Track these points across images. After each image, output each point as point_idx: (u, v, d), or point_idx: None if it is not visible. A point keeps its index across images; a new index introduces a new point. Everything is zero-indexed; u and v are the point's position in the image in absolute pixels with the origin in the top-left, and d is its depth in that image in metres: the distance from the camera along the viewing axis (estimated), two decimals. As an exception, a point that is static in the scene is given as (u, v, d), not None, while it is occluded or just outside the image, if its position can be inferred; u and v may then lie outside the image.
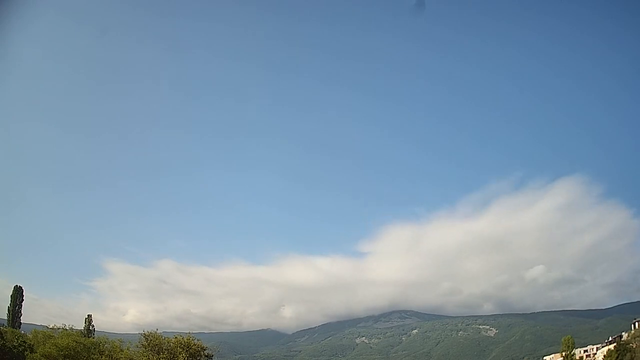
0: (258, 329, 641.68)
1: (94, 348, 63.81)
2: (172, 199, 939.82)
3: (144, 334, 59.80)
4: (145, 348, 58.15)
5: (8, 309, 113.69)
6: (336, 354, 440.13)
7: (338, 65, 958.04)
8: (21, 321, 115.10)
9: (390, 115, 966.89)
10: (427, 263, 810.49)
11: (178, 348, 57.44)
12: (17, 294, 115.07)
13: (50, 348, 59.84)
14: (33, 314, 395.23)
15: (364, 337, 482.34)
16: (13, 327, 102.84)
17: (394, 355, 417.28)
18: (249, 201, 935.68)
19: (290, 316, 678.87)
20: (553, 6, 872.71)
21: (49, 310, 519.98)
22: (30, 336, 77.20)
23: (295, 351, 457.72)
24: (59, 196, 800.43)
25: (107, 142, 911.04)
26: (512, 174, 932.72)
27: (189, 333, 60.69)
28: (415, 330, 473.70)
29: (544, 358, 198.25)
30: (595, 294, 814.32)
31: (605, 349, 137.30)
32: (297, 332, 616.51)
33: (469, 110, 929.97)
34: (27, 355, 62.87)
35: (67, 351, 59.35)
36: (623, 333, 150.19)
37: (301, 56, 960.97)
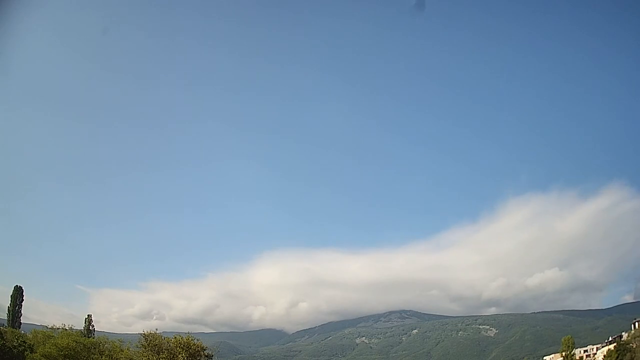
0: (258, 329, 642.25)
1: (94, 348, 63.89)
2: (172, 197, 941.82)
3: (144, 334, 59.77)
4: (145, 348, 58.07)
5: (8, 309, 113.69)
6: (336, 354, 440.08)
7: (339, 62, 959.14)
8: (21, 321, 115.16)
9: (398, 115, 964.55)
10: (430, 266, 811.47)
11: (178, 348, 57.34)
12: (17, 294, 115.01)
13: (50, 348, 59.80)
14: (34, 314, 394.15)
15: (364, 337, 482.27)
16: (13, 327, 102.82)
17: (394, 355, 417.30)
18: (241, 200, 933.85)
19: (289, 315, 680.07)
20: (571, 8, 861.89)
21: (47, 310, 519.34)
22: (30, 336, 77.19)
23: (295, 351, 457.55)
24: (64, 192, 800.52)
25: (97, 139, 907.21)
26: (521, 178, 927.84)
27: (189, 333, 60.63)
28: (415, 330, 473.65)
29: (544, 358, 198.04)
30: (597, 294, 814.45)
31: (605, 349, 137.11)
32: (297, 332, 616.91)
33: (482, 114, 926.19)
34: (27, 355, 62.91)
35: (67, 351, 59.32)
36: (623, 333, 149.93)
37: (303, 53, 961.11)
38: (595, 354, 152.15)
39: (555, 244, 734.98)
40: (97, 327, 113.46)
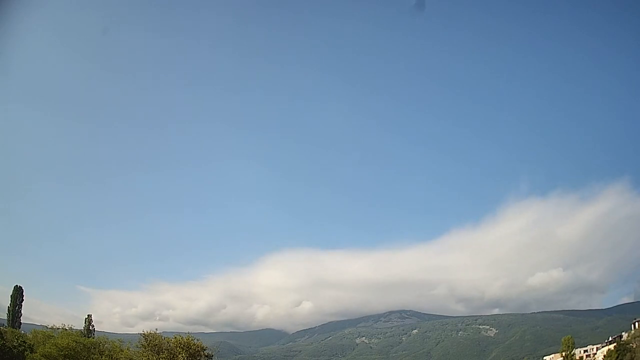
0: (258, 329, 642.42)
1: (94, 348, 63.82)
2: (173, 197, 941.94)
3: (144, 334, 59.73)
4: (145, 348, 57.99)
5: (8, 309, 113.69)
6: (336, 354, 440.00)
7: (339, 62, 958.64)
8: (21, 321, 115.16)
9: (398, 115, 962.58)
10: (432, 267, 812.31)
11: (178, 348, 57.26)
12: (17, 294, 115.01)
13: (50, 348, 59.73)
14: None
15: (364, 337, 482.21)
16: (13, 327, 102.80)
17: (394, 355, 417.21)
18: (241, 201, 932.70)
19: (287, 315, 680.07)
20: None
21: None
22: (30, 336, 77.16)
23: (295, 351, 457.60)
24: (65, 192, 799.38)
25: (97, 139, 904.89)
26: (522, 182, 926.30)
27: (189, 333, 60.62)
28: (415, 330, 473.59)
29: (544, 358, 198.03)
30: (597, 295, 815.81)
31: (605, 349, 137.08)
32: (297, 332, 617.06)
33: (482, 114, 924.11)
34: (27, 355, 62.83)
35: (67, 351, 59.24)
36: (623, 333, 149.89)
37: (303, 53, 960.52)
38: (595, 354, 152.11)
39: (557, 247, 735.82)
40: (100, 327, 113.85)
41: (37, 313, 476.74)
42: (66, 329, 73.19)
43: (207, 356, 60.86)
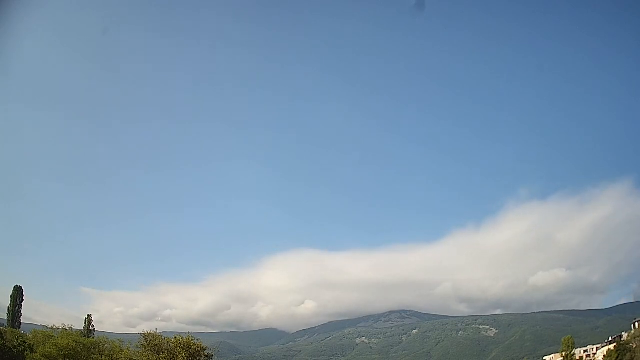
0: (258, 329, 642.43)
1: (94, 348, 63.85)
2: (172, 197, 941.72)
3: (144, 334, 59.74)
4: (145, 348, 58.02)
5: (8, 309, 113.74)
6: (336, 354, 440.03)
7: (339, 62, 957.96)
8: (21, 321, 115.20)
9: (398, 115, 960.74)
10: (431, 267, 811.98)
11: (178, 348, 57.28)
12: (17, 294, 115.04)
13: (50, 348, 59.74)
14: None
15: (364, 337, 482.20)
16: (13, 327, 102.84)
17: (394, 355, 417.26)
18: (241, 201, 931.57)
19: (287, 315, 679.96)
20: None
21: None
22: (30, 336, 77.19)
23: (295, 351, 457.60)
24: (65, 192, 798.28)
25: (97, 139, 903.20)
26: (523, 186, 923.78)
27: (189, 333, 60.63)
28: (415, 330, 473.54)
29: (544, 358, 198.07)
30: (597, 295, 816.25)
31: (605, 349, 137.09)
32: (297, 332, 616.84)
33: (482, 114, 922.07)
34: (27, 355, 62.85)
35: (67, 351, 59.25)
36: (623, 333, 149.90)
37: (303, 53, 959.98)
38: (595, 354, 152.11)
39: (558, 249, 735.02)
40: (102, 328, 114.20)
41: (38, 314, 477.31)
42: (66, 329, 73.19)
43: (207, 356, 60.88)
